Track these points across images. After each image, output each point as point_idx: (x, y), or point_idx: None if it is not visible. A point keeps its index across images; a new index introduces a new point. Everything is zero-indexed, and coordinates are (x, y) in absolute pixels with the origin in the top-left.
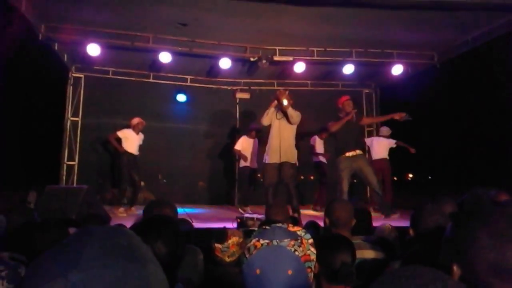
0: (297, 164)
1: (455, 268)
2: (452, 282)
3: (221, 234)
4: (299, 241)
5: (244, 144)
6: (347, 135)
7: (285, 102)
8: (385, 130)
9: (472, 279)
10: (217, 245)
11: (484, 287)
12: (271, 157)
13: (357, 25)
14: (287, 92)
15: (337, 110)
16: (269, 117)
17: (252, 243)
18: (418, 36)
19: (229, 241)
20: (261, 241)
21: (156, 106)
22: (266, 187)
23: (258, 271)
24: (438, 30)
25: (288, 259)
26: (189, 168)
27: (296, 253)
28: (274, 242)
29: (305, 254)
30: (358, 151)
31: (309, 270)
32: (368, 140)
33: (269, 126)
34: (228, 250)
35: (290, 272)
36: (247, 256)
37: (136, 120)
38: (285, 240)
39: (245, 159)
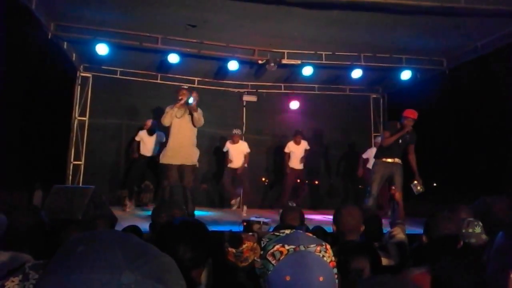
0: (197, 165)
1: None
2: None
3: (236, 239)
4: (324, 246)
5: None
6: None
7: (191, 100)
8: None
9: None
10: (230, 249)
11: None
12: (171, 157)
13: (366, 30)
14: (194, 91)
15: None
16: (170, 116)
17: (275, 248)
18: (427, 42)
19: (244, 246)
20: (287, 247)
21: (163, 107)
22: (164, 187)
23: (288, 278)
24: (447, 36)
25: (319, 265)
26: None
27: (324, 258)
28: (301, 248)
29: (331, 260)
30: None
31: (335, 276)
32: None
33: (169, 126)
34: (241, 255)
35: (321, 278)
36: (273, 262)
37: (148, 122)
38: (312, 245)
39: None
